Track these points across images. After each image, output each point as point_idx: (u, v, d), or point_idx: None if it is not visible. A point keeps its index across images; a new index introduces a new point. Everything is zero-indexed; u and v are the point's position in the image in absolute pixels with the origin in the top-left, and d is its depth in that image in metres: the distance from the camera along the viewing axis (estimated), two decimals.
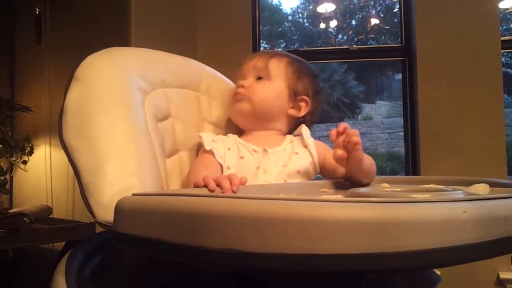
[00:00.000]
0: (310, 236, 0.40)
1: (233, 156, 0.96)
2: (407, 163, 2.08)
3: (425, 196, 0.55)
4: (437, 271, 1.85)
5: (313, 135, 1.08)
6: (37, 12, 2.01)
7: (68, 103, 0.83)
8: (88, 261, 0.84)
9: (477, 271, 1.83)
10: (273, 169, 0.95)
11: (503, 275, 1.80)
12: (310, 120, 1.12)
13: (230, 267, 0.51)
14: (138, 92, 0.90)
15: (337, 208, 0.42)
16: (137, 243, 0.54)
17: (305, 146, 1.03)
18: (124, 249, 0.76)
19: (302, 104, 1.09)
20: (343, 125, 0.84)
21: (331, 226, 0.40)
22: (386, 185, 0.80)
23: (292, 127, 1.10)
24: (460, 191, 0.60)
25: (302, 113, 1.09)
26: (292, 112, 1.09)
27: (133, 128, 0.83)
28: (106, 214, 0.71)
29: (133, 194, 0.59)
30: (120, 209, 0.58)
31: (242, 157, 0.96)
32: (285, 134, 1.09)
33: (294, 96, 1.08)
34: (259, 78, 1.07)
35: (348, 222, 0.41)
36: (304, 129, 1.06)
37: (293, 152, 1.00)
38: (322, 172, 1.04)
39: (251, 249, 0.42)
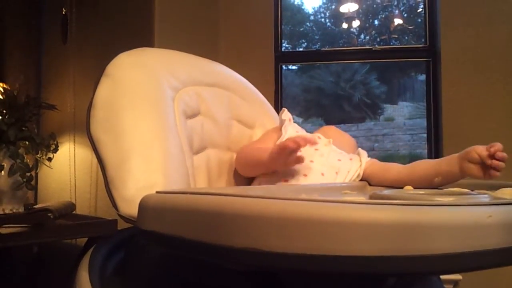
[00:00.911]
0: (331, 237, 0.41)
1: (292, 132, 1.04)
2: None
3: (449, 199, 0.54)
4: (458, 276, 1.82)
5: None
6: (63, 13, 2.04)
7: (97, 98, 0.85)
8: (111, 257, 0.86)
9: (499, 275, 1.79)
10: (329, 155, 1.01)
11: None
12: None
13: (251, 266, 0.51)
14: (169, 90, 0.92)
15: (359, 210, 0.42)
16: (160, 240, 0.55)
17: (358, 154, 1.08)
18: (146, 245, 0.78)
19: None
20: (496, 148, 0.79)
21: (353, 227, 0.40)
22: (410, 187, 0.79)
23: None
24: (486, 195, 0.59)
25: None
26: None
27: (160, 125, 0.84)
28: (129, 208, 0.72)
29: (157, 192, 0.60)
30: (143, 207, 0.59)
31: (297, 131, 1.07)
32: None
33: None
34: None
35: (369, 224, 0.40)
36: (361, 152, 1.10)
37: (347, 157, 1.05)
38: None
39: (272, 248, 0.42)
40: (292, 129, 1.04)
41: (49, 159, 2.00)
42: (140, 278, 0.80)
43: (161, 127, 0.84)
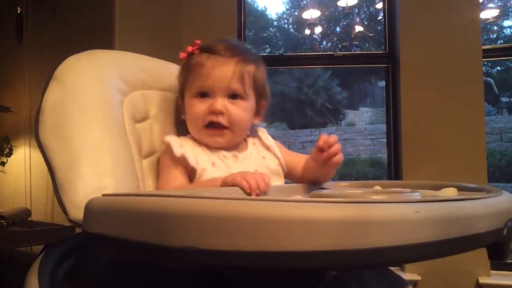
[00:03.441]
0: (266, 234, 0.42)
1: (205, 162, 0.92)
2: (390, 169, 2.10)
3: (382, 197, 0.57)
4: (417, 276, 1.87)
5: (296, 140, 1.07)
6: (18, 11, 1.98)
7: (45, 102, 0.84)
8: (62, 262, 0.84)
9: (457, 276, 1.85)
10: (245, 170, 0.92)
11: (482, 280, 1.82)
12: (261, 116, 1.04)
13: (191, 265, 0.53)
14: (117, 93, 0.91)
15: (294, 207, 0.44)
16: (105, 242, 0.55)
17: (267, 148, 1.02)
18: (96, 249, 0.77)
19: (263, 108, 1.03)
20: (323, 139, 0.87)
21: (288, 224, 0.42)
22: (378, 187, 0.82)
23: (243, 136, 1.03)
24: (418, 193, 0.62)
25: (263, 116, 1.04)
26: (257, 121, 1.02)
27: (109, 129, 0.84)
28: (79, 212, 0.70)
29: (103, 195, 0.60)
30: (89, 209, 0.59)
31: (213, 163, 0.93)
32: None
33: (258, 104, 1.00)
34: (234, 96, 0.94)
35: (304, 221, 0.42)
36: (261, 132, 1.04)
37: (260, 156, 0.99)
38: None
39: (210, 246, 0.43)
40: (199, 161, 0.91)
41: (3, 164, 1.93)
42: (90, 283, 0.79)
43: (110, 132, 0.83)
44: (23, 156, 2.00)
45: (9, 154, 1.94)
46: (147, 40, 1.86)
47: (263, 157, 0.99)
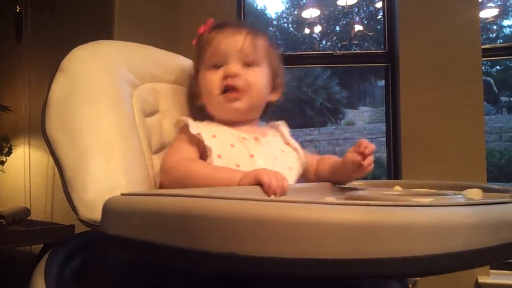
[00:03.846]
0: (311, 240, 0.39)
1: (222, 143, 0.87)
2: (389, 168, 2.10)
3: (428, 200, 0.53)
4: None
5: (296, 139, 1.04)
6: (17, 10, 1.97)
7: (52, 95, 0.80)
8: (69, 262, 0.81)
9: (456, 276, 1.85)
10: (266, 158, 0.89)
11: (482, 280, 1.82)
12: (273, 105, 1.03)
13: (227, 271, 0.49)
14: (126, 85, 0.87)
15: (339, 211, 0.40)
16: (128, 245, 0.51)
17: (287, 143, 0.99)
18: (106, 250, 0.74)
19: (279, 86, 1.00)
20: (364, 144, 0.87)
21: (333, 229, 0.39)
22: (399, 188, 0.79)
23: (262, 113, 1.01)
24: (460, 196, 0.59)
25: (278, 97, 1.01)
26: (271, 97, 0.99)
27: (119, 122, 0.80)
28: (90, 212, 0.68)
29: (122, 194, 0.57)
30: (108, 210, 0.55)
31: (232, 145, 0.88)
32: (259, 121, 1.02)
33: (273, 79, 0.98)
34: (248, 65, 0.92)
35: (348, 225, 0.39)
36: (283, 127, 1.02)
37: (279, 148, 0.96)
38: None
39: (250, 253, 0.40)
40: (217, 143, 0.88)
41: (2, 163, 1.93)
42: (100, 284, 0.76)
43: (120, 125, 0.79)
44: (23, 155, 1.99)
45: (9, 153, 1.94)
46: (146, 39, 1.85)
47: (282, 150, 0.96)
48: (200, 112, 0.97)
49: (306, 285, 0.59)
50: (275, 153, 0.93)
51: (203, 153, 0.86)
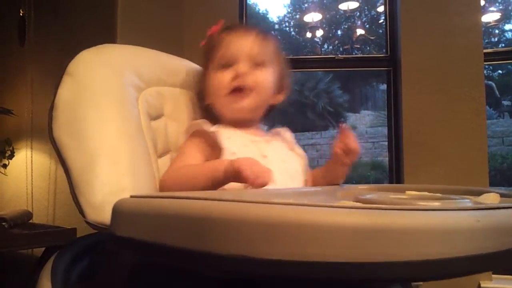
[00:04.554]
0: (318, 243, 0.39)
1: (236, 143, 0.89)
2: (391, 172, 2.09)
3: (436, 204, 0.53)
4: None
5: (297, 143, 1.05)
6: (21, 14, 1.98)
7: (59, 98, 0.81)
8: (75, 264, 0.81)
9: (459, 280, 1.84)
10: (278, 160, 0.92)
11: (484, 284, 1.81)
12: (275, 108, 1.04)
13: (238, 274, 0.49)
14: (132, 89, 0.88)
15: (353, 214, 0.41)
16: (138, 247, 0.52)
17: (292, 150, 1.00)
18: (113, 252, 0.74)
19: (285, 90, 1.02)
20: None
21: (351, 234, 0.39)
22: (413, 192, 0.78)
23: (264, 115, 1.02)
24: (468, 200, 0.58)
25: (282, 99, 1.02)
26: (275, 99, 1.00)
27: (126, 126, 0.80)
28: (97, 214, 0.68)
29: (131, 196, 0.57)
30: (118, 212, 0.56)
31: (246, 145, 0.90)
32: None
33: (279, 81, 0.99)
34: (256, 65, 0.93)
35: (359, 229, 0.39)
36: (286, 133, 1.03)
37: (286, 153, 0.98)
38: None
39: (264, 256, 0.40)
40: (231, 142, 0.89)
41: (4, 166, 1.93)
42: (106, 286, 0.77)
43: (127, 129, 0.80)
44: (25, 159, 2.00)
45: (11, 156, 1.94)
46: (149, 42, 1.86)
47: (284, 161, 0.96)
48: (207, 114, 0.98)
49: (312, 287, 0.59)
50: (284, 157, 0.95)
51: (216, 152, 0.86)
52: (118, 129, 0.79)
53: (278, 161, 0.91)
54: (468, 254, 0.40)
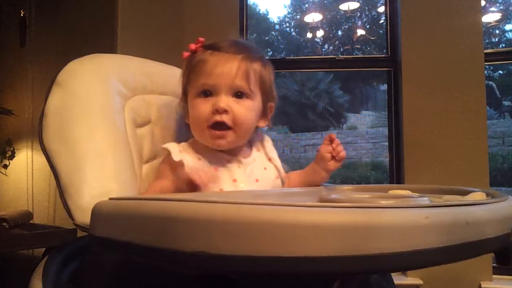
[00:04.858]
0: (276, 239, 0.42)
1: (206, 166, 0.89)
2: (391, 172, 2.10)
3: (390, 202, 0.56)
4: (419, 280, 1.86)
5: (298, 143, 1.06)
6: (21, 14, 1.98)
7: (49, 107, 0.85)
8: (67, 265, 0.85)
9: (459, 280, 1.85)
10: (249, 181, 0.92)
11: (485, 285, 1.81)
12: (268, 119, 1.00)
13: (201, 269, 0.52)
14: (118, 98, 0.92)
15: (307, 212, 0.44)
16: (112, 246, 0.55)
17: (269, 159, 0.99)
18: (102, 253, 0.77)
19: (270, 111, 0.98)
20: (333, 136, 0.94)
21: (298, 229, 0.42)
22: (395, 191, 0.80)
23: (248, 139, 0.99)
24: (426, 198, 0.61)
25: (270, 120, 0.99)
26: (263, 123, 0.98)
27: (112, 134, 0.85)
28: (84, 217, 0.71)
29: (110, 198, 0.61)
30: (96, 213, 0.59)
31: (216, 169, 0.89)
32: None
33: (265, 105, 0.96)
34: (239, 95, 0.89)
35: (315, 225, 0.42)
36: (267, 141, 1.01)
37: (262, 166, 0.97)
38: None
39: (221, 251, 0.43)
40: (202, 166, 0.90)
41: (5, 166, 1.93)
42: (93, 286, 0.79)
43: (112, 136, 0.84)
44: (25, 159, 2.00)
45: (12, 157, 1.95)
46: (150, 44, 1.87)
47: (265, 168, 0.97)
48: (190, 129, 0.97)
49: (287, 283, 0.61)
50: (257, 175, 0.94)
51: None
52: (104, 137, 0.83)
53: (251, 181, 0.92)
54: (419, 249, 0.43)
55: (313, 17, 6.55)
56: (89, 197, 0.73)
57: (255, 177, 0.93)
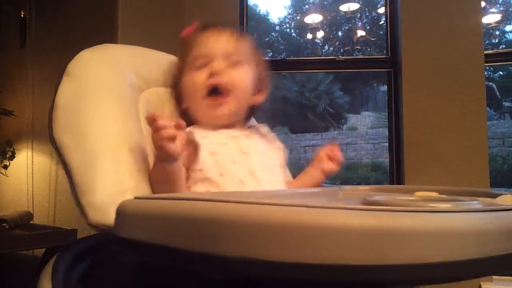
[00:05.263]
0: (325, 245, 0.38)
1: (214, 142, 0.87)
2: (391, 173, 2.09)
3: (446, 206, 0.51)
4: None
5: (298, 144, 1.06)
6: (22, 15, 1.98)
7: (59, 99, 0.80)
8: (76, 265, 0.81)
9: (460, 282, 1.84)
10: (258, 154, 0.90)
11: (485, 286, 1.81)
12: (257, 109, 1.02)
13: (247, 276, 0.48)
14: (132, 89, 0.87)
15: (366, 216, 0.40)
16: (141, 249, 0.51)
17: (270, 143, 0.98)
18: (113, 254, 0.74)
19: (264, 90, 0.99)
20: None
21: (363, 236, 0.38)
22: (421, 193, 0.77)
23: (246, 117, 1.00)
24: (477, 202, 0.56)
25: (263, 99, 0.99)
26: (255, 99, 0.98)
27: (126, 126, 0.79)
28: (99, 215, 0.67)
29: (135, 198, 0.56)
30: (122, 213, 0.55)
31: (224, 143, 0.88)
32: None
33: (258, 82, 0.97)
34: (232, 64, 0.90)
35: (374, 231, 0.38)
36: (262, 128, 1.01)
37: (266, 147, 0.96)
38: None
39: (272, 258, 0.39)
40: (208, 141, 0.88)
41: (5, 167, 1.93)
42: (107, 286, 0.76)
43: (127, 129, 0.79)
44: (26, 160, 2.00)
45: (12, 157, 1.94)
46: (150, 44, 1.86)
47: (264, 155, 0.95)
48: (186, 119, 0.93)
49: None
50: (264, 150, 0.93)
51: (193, 152, 0.84)
52: (118, 129, 0.78)
53: (259, 155, 0.90)
54: (478, 257, 0.39)
55: (313, 18, 6.56)
56: (104, 195, 0.69)
57: (263, 152, 0.93)
